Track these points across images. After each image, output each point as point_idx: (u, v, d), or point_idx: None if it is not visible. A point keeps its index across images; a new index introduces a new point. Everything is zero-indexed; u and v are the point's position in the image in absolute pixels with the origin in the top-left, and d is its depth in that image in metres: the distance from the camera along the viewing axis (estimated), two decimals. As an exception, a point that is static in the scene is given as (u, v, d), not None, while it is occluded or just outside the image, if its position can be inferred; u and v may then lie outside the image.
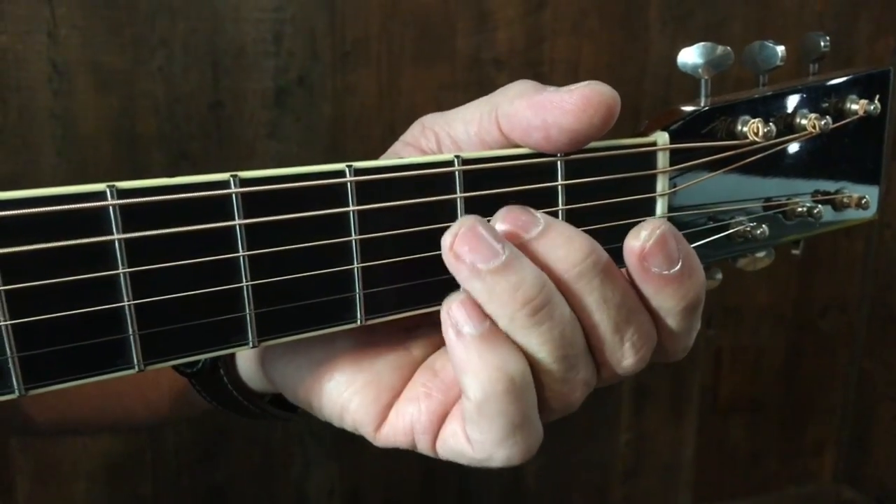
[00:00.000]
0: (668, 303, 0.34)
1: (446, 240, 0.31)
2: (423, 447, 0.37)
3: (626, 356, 0.34)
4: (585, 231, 0.34)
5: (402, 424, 0.37)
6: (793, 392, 1.55)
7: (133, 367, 0.27)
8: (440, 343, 0.38)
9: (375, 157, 0.36)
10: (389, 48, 1.13)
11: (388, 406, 0.37)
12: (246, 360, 0.43)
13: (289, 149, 1.13)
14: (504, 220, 0.33)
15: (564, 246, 0.32)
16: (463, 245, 0.31)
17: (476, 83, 1.17)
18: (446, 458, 0.36)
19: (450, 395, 0.36)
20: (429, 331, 0.38)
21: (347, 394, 0.37)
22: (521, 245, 0.32)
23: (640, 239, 0.33)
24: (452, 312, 0.32)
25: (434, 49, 1.15)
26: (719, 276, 0.44)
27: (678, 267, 0.33)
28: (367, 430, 0.37)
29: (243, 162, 1.11)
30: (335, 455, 1.26)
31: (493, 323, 0.32)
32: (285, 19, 1.09)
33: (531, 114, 0.33)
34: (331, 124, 1.13)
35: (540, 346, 0.32)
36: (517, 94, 0.34)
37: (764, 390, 1.53)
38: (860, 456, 1.61)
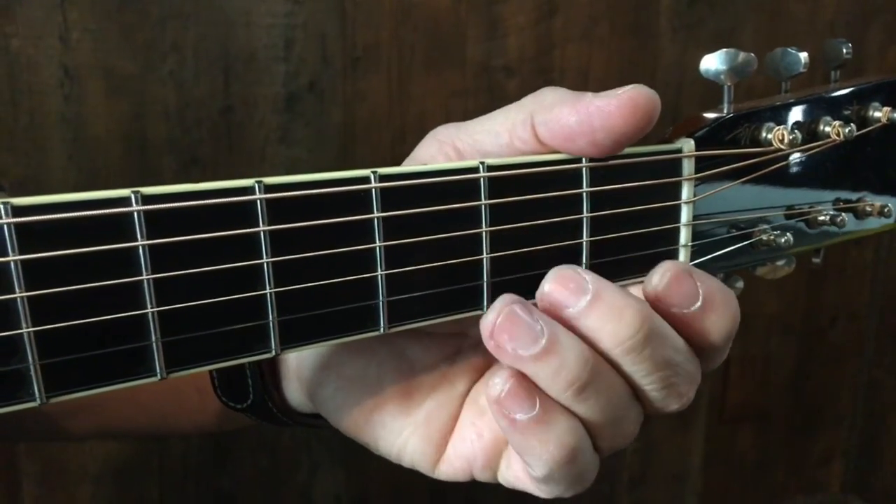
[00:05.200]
0: (698, 338, 0.33)
1: (486, 325, 0.31)
2: (484, 479, 0.37)
3: (671, 404, 0.34)
4: (610, 239, 0.33)
5: (459, 464, 0.37)
6: (801, 401, 1.54)
7: (155, 375, 0.27)
8: (482, 367, 0.39)
9: (385, 163, 0.36)
10: (400, 54, 1.13)
11: (442, 444, 0.38)
12: (295, 392, 0.43)
13: (299, 154, 1.13)
14: (553, 282, 0.32)
15: (614, 321, 0.31)
16: (502, 333, 0.31)
17: (486, 90, 1.17)
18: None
19: (501, 433, 0.36)
20: (468, 357, 0.39)
21: (401, 439, 0.38)
22: (567, 318, 0.31)
23: (652, 284, 0.33)
24: (503, 402, 0.31)
25: (444, 56, 1.15)
26: (740, 284, 0.43)
27: (699, 303, 0.33)
28: (425, 469, 0.38)
29: (253, 167, 1.12)
30: (342, 461, 1.26)
31: (544, 400, 0.31)
32: (296, 25, 1.09)
33: (575, 120, 0.33)
34: (341, 130, 1.13)
35: (590, 415, 0.32)
36: (556, 100, 0.34)
37: (772, 400, 1.52)
38: (869, 466, 1.60)
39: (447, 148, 0.36)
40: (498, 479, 0.37)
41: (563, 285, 0.32)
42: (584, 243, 0.35)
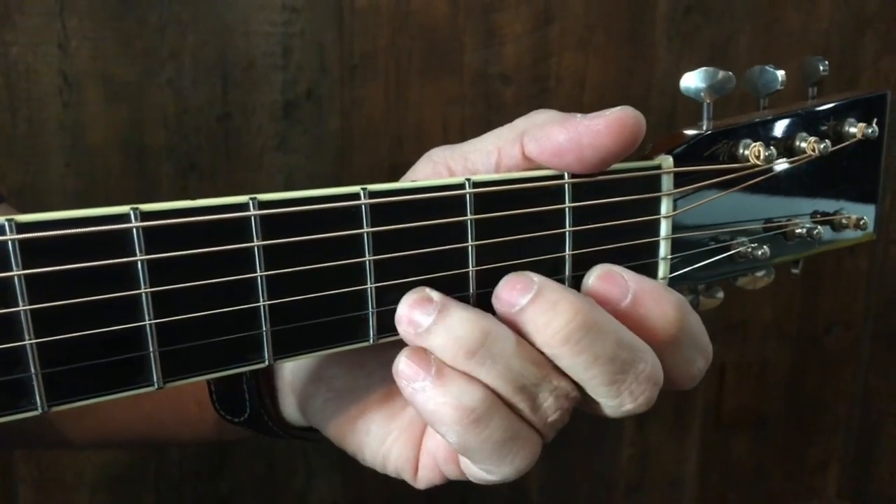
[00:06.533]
0: (640, 333, 0.34)
1: (396, 313, 0.34)
2: (454, 476, 0.38)
3: (624, 403, 0.34)
4: (592, 252, 0.35)
5: (428, 462, 0.39)
6: (797, 408, 1.55)
7: (153, 385, 0.28)
8: None
9: (382, 170, 0.37)
10: (397, 62, 1.14)
11: (420, 447, 0.39)
12: (290, 406, 0.45)
13: (296, 161, 1.14)
14: (504, 285, 0.34)
15: (549, 311, 0.33)
16: (404, 314, 0.33)
17: (483, 98, 1.18)
18: (478, 483, 0.38)
19: None
20: None
21: (386, 445, 0.39)
22: (511, 316, 0.34)
23: (583, 284, 0.35)
24: (400, 370, 0.33)
25: (442, 63, 1.16)
26: (720, 294, 0.44)
27: (629, 299, 0.34)
28: (408, 474, 0.40)
29: (251, 174, 1.12)
30: (338, 467, 1.26)
31: (439, 367, 0.33)
32: (294, 33, 1.10)
33: (564, 137, 0.34)
34: (338, 137, 1.14)
35: (492, 380, 0.33)
36: (547, 120, 0.35)
37: (768, 406, 1.53)
38: (864, 472, 1.60)
39: (441, 168, 0.37)
40: (463, 472, 0.38)
41: (512, 287, 0.34)
42: (567, 256, 0.36)
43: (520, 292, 0.33)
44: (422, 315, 0.33)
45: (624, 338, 0.34)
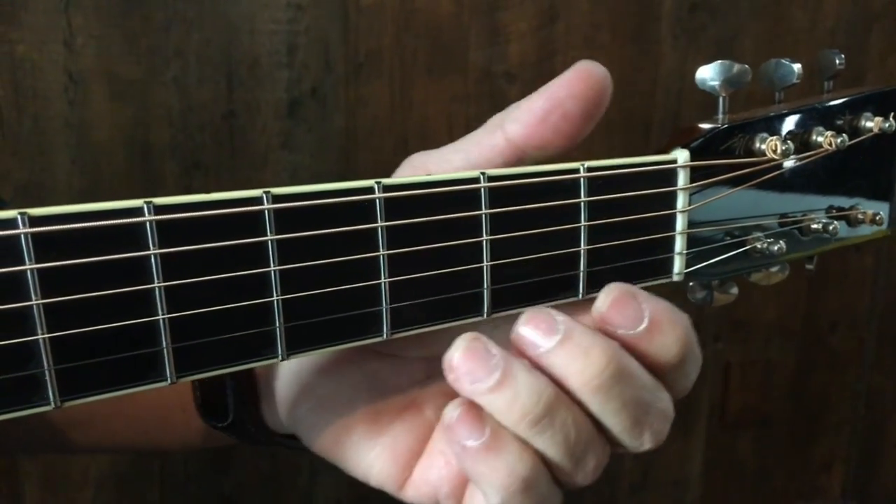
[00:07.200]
0: (651, 360, 0.34)
1: (446, 360, 0.32)
2: None
3: (645, 443, 0.35)
4: (607, 247, 0.34)
5: (425, 489, 0.38)
6: (802, 407, 1.55)
7: (166, 380, 0.28)
8: (452, 393, 0.39)
9: (387, 169, 0.37)
10: (402, 60, 1.14)
11: (409, 467, 0.38)
12: (273, 413, 0.44)
13: (301, 159, 1.14)
14: (526, 323, 0.33)
15: (581, 359, 0.32)
16: (461, 367, 0.32)
17: (488, 96, 1.18)
18: None
19: None
20: (439, 381, 0.39)
21: (369, 459, 0.39)
22: (537, 357, 0.32)
23: (597, 307, 0.34)
24: (454, 428, 0.32)
25: (447, 61, 1.16)
26: (734, 290, 0.44)
27: (644, 325, 0.33)
28: (391, 490, 0.39)
29: (256, 172, 1.12)
30: (343, 465, 1.26)
31: (495, 429, 0.32)
32: (299, 31, 1.10)
33: (542, 102, 0.34)
34: (343, 136, 1.14)
35: (545, 448, 0.32)
36: (520, 101, 0.35)
37: (773, 405, 1.53)
38: (869, 472, 1.60)
39: (420, 172, 0.37)
40: None
41: (536, 326, 0.33)
42: (582, 251, 0.36)
43: (544, 333, 0.32)
44: (481, 371, 0.32)
45: (646, 379, 0.33)
